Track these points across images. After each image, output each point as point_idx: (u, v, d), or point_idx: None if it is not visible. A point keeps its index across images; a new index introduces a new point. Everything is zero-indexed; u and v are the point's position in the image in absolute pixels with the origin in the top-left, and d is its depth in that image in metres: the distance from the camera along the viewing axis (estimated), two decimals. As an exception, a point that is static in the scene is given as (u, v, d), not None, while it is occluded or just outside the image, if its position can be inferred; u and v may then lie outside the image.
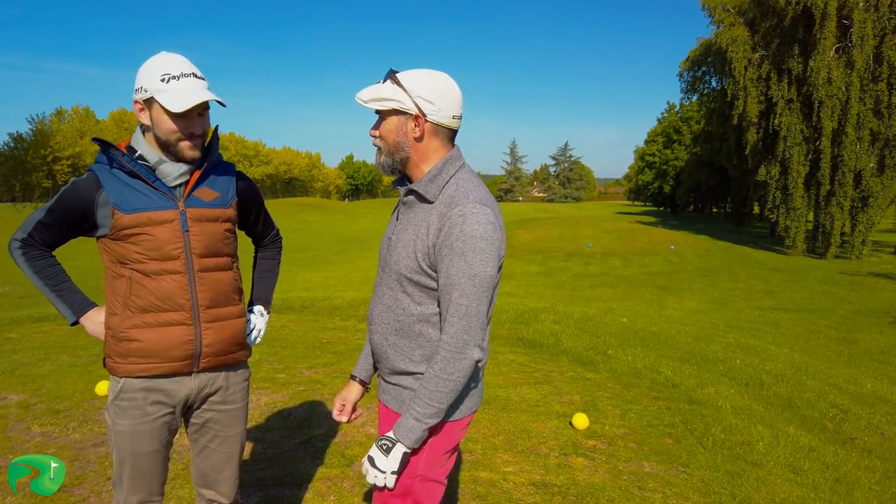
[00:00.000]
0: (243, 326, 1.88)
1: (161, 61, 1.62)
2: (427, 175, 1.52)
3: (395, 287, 1.56)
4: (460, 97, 1.54)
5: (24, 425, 3.56)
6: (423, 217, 1.51)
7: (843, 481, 3.33)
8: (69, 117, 62.52)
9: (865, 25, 22.14)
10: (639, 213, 54.53)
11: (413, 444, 1.48)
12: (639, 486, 3.06)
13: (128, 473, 1.74)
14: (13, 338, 6.04)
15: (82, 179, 1.67)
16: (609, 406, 4.30)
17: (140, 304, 1.68)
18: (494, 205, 1.50)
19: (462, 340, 1.43)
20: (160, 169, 1.69)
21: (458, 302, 1.43)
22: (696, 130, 48.59)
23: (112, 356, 1.72)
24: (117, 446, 1.73)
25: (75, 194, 1.66)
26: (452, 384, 1.45)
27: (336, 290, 12.29)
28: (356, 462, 3.18)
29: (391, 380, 1.62)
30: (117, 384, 1.72)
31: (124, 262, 1.68)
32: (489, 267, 1.43)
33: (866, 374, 6.83)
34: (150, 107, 1.64)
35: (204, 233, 1.73)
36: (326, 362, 5.04)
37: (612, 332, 6.93)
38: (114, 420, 1.72)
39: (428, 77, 1.49)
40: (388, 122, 1.53)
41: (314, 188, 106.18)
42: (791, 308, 13.66)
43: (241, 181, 1.88)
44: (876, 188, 23.54)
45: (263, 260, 2.13)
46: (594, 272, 20.49)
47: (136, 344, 1.68)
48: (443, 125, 1.52)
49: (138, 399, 1.71)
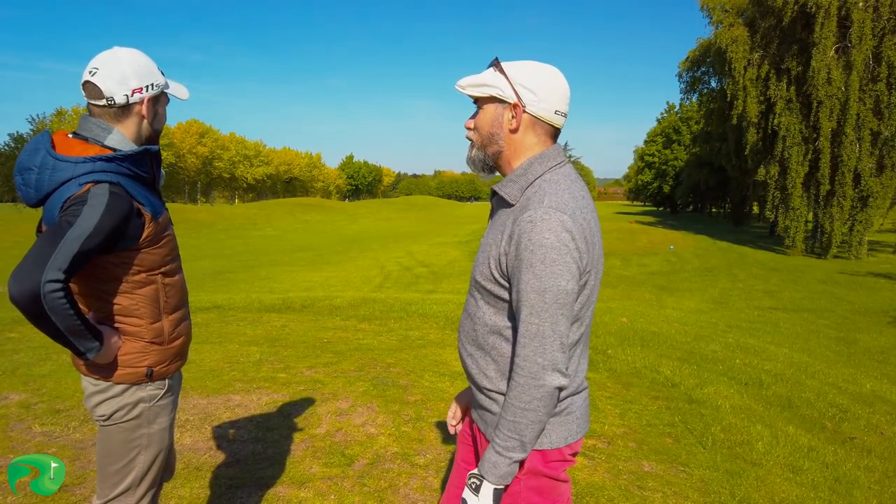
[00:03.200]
0: None
1: (142, 56, 1.64)
2: (513, 174, 1.40)
3: (475, 294, 1.47)
4: (567, 92, 1.40)
5: (25, 425, 3.56)
6: (503, 221, 1.38)
7: (843, 481, 3.33)
8: (69, 117, 62.53)
9: (865, 25, 22.16)
10: (638, 213, 54.54)
11: (500, 480, 1.32)
12: (638, 486, 3.06)
13: (155, 471, 1.77)
14: (14, 337, 6.04)
15: (116, 194, 1.51)
16: (609, 405, 4.30)
17: (173, 304, 1.73)
18: (578, 210, 1.32)
19: (536, 364, 1.27)
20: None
21: (527, 321, 1.28)
22: (695, 130, 48.64)
23: (162, 363, 1.71)
24: (149, 447, 1.72)
25: (118, 211, 1.49)
26: (533, 414, 1.29)
27: (336, 289, 12.30)
28: (356, 462, 3.18)
29: (475, 395, 1.52)
30: (161, 387, 1.72)
31: (151, 269, 1.64)
32: (563, 280, 1.25)
33: (865, 374, 6.84)
34: (157, 100, 1.66)
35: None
36: (327, 362, 5.05)
37: (612, 332, 6.94)
38: (152, 421, 1.71)
39: (534, 66, 1.38)
40: (484, 111, 1.42)
41: (314, 188, 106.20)
42: (790, 308, 13.67)
43: None
44: (875, 188, 23.56)
45: None
46: (594, 272, 20.47)
47: (180, 341, 1.76)
48: (542, 119, 1.38)
49: (174, 391, 1.80)
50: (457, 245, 29.06)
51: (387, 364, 4.99)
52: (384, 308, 7.98)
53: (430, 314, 7.60)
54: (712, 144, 37.22)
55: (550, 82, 1.37)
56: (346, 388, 4.30)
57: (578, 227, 1.29)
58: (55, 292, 1.38)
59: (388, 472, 3.07)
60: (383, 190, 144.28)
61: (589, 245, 1.33)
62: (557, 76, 1.39)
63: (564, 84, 1.40)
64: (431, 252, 27.14)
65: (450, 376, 4.67)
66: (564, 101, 1.39)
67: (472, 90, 1.41)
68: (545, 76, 1.37)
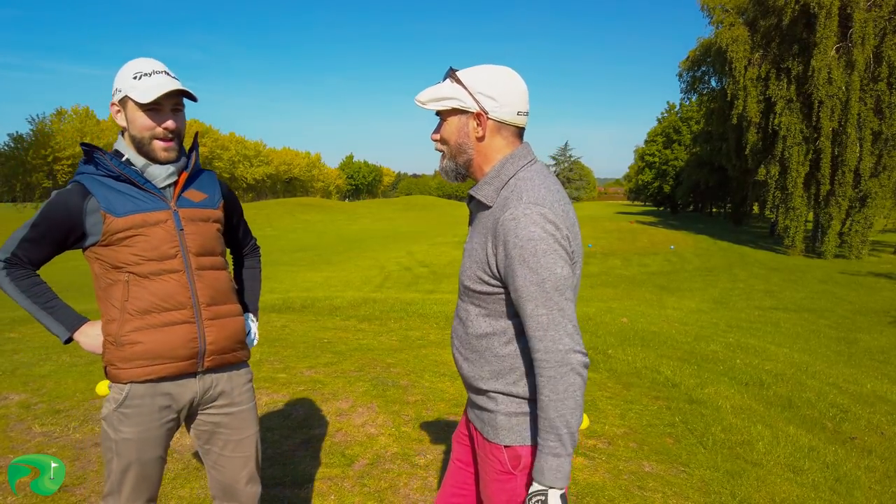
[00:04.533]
0: (243, 324, 1.88)
1: (134, 63, 1.66)
2: (486, 177, 1.42)
3: (464, 299, 1.49)
4: (525, 90, 1.43)
5: (25, 425, 3.56)
6: (484, 223, 1.41)
7: (843, 481, 3.33)
8: (69, 117, 62.50)
9: (866, 25, 22.15)
10: (639, 213, 54.53)
11: (565, 481, 1.31)
12: (639, 486, 3.06)
13: (131, 481, 1.71)
14: (14, 338, 6.04)
15: (66, 191, 1.64)
16: (609, 406, 4.30)
17: (140, 307, 1.66)
18: (556, 203, 1.35)
19: (559, 352, 1.28)
20: (148, 171, 1.69)
21: (534, 315, 1.29)
22: (695, 130, 48.59)
23: (114, 363, 1.68)
24: (119, 454, 1.69)
25: (60, 206, 1.62)
26: (572, 400, 1.28)
27: (336, 289, 12.29)
28: (356, 462, 3.18)
29: (471, 397, 1.55)
30: (121, 391, 1.68)
31: (119, 267, 1.66)
32: (557, 267, 1.28)
33: (866, 374, 6.84)
34: (125, 106, 1.66)
35: (197, 232, 1.74)
36: (327, 362, 5.04)
37: (612, 332, 6.94)
38: (116, 428, 1.68)
39: (489, 72, 1.40)
40: (448, 123, 1.44)
41: (314, 188, 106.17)
42: (791, 308, 13.66)
43: (224, 186, 1.92)
44: (875, 188, 23.56)
45: (246, 269, 2.13)
46: (594, 272, 20.49)
47: (139, 346, 1.66)
48: (507, 122, 1.41)
49: (145, 405, 1.68)
50: (457, 245, 29.04)
51: (387, 364, 4.99)
52: (384, 308, 7.97)
53: (430, 314, 7.60)
54: (713, 144, 37.20)
55: (508, 85, 1.39)
56: (347, 388, 4.29)
57: (560, 217, 1.33)
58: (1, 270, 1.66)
59: (388, 473, 3.06)
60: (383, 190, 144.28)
61: (571, 232, 1.37)
62: (514, 77, 1.41)
63: (522, 84, 1.42)
64: (431, 252, 27.13)
65: (450, 376, 4.67)
66: (524, 100, 1.42)
67: (434, 104, 1.42)
68: (502, 80, 1.39)
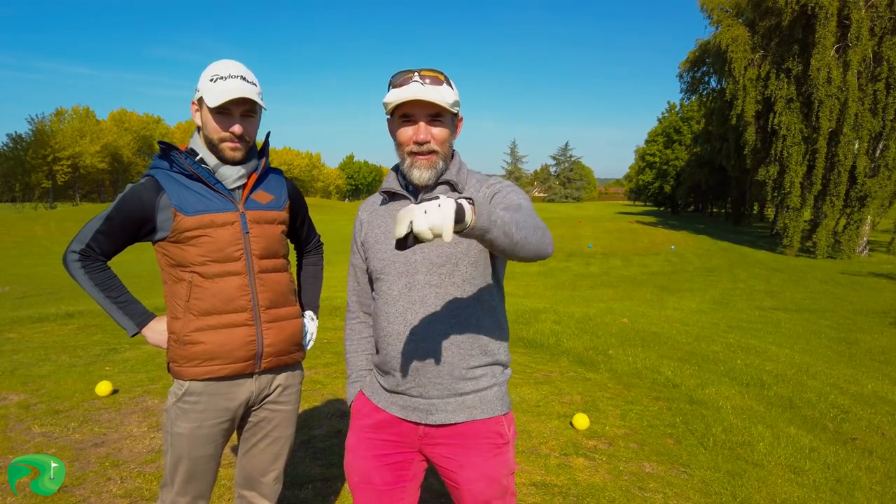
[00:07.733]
0: (301, 326, 1.91)
1: (216, 65, 1.67)
2: (454, 168, 1.57)
3: (447, 281, 1.49)
4: None
5: (25, 425, 3.55)
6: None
7: (844, 482, 3.32)
8: (69, 117, 62.57)
9: (863, 25, 22.15)
10: (639, 213, 54.52)
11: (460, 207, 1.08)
12: (639, 487, 3.06)
13: (181, 475, 1.74)
14: (13, 338, 6.04)
15: (140, 185, 1.69)
16: (610, 406, 4.29)
17: (202, 307, 1.69)
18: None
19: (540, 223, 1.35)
20: (220, 171, 1.71)
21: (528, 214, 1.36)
22: (696, 130, 48.58)
23: (177, 360, 1.72)
24: (173, 448, 1.73)
25: (135, 199, 1.66)
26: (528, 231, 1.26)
27: (336, 290, 12.22)
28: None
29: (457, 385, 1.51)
30: (181, 387, 1.72)
31: (184, 266, 1.69)
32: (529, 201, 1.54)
33: (867, 375, 6.82)
34: (202, 107, 1.68)
35: (262, 234, 1.76)
36: (326, 362, 5.04)
37: (613, 333, 6.93)
38: (173, 422, 1.72)
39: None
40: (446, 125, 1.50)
41: (314, 188, 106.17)
42: (792, 308, 13.65)
43: (290, 185, 1.93)
44: (873, 188, 23.55)
45: (308, 266, 2.17)
46: (595, 272, 20.48)
47: (200, 346, 1.69)
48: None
49: (201, 402, 1.72)
50: (457, 245, 29.00)
51: (387, 364, 4.98)
52: (384, 308, 7.95)
53: (431, 314, 7.58)
54: (713, 144, 37.17)
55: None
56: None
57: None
58: (74, 262, 1.69)
59: (389, 473, 3.05)
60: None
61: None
62: None
63: None
64: (432, 252, 27.07)
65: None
66: None
67: (453, 108, 1.49)
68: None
